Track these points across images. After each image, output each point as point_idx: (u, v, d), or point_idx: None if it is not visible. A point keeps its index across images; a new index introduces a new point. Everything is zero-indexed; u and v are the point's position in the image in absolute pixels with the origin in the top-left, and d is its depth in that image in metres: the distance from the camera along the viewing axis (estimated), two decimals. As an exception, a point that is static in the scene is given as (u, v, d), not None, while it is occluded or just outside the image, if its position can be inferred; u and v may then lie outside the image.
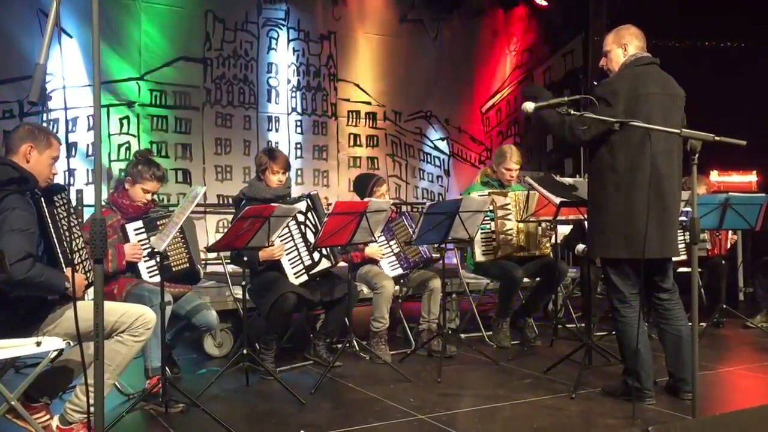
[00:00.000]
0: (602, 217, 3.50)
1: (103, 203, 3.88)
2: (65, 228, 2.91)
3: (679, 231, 5.37)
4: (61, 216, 2.91)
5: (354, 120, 7.91)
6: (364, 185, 4.93)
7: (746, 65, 7.30)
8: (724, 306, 5.64)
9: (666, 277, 3.64)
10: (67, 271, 2.80)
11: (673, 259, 3.67)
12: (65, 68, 5.69)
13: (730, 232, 5.88)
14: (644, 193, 3.33)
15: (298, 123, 7.56)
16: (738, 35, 7.54)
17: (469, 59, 8.65)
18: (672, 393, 3.65)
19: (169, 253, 3.87)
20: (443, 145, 8.49)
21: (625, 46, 3.58)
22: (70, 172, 6.00)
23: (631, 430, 1.96)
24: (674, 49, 7.03)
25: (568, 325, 5.32)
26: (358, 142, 7.94)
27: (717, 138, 2.81)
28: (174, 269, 3.90)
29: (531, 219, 4.82)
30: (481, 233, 4.92)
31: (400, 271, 4.85)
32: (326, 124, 7.74)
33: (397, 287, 4.73)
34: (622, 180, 3.41)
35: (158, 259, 3.44)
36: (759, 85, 7.21)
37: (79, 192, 4.65)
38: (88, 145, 6.31)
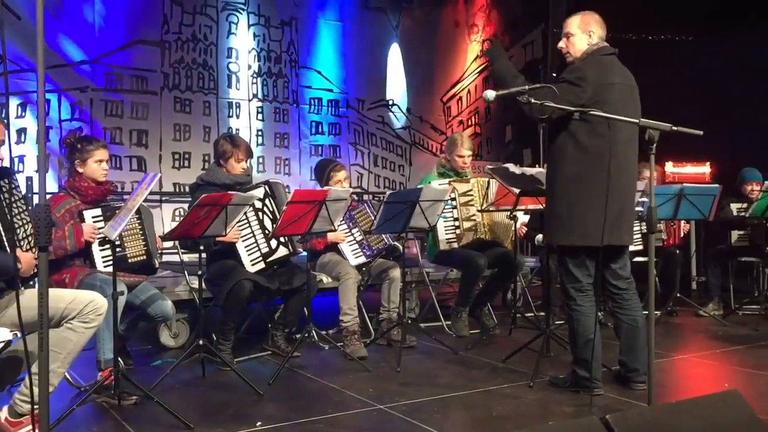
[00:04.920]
0: (562, 204, 3.49)
1: (59, 191, 3.80)
2: (13, 213, 2.81)
3: (635, 221, 5.49)
4: (7, 201, 2.81)
5: (316, 107, 7.83)
6: (321, 171, 4.88)
7: (699, 58, 7.41)
8: (678, 295, 5.75)
9: (625, 265, 3.67)
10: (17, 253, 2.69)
11: (630, 248, 3.71)
12: (6, 50, 5.48)
13: (683, 221, 5.99)
14: (605, 182, 3.34)
15: (259, 110, 7.45)
16: (691, 28, 7.65)
17: (431, 49, 8.62)
18: (622, 383, 3.66)
19: (126, 244, 3.78)
20: (405, 134, 8.46)
21: (590, 33, 3.56)
22: (20, 158, 5.83)
23: (589, 419, 1.96)
24: (630, 41, 7.09)
25: (527, 315, 5.36)
26: (320, 130, 7.86)
27: (675, 128, 2.83)
28: (131, 260, 3.81)
29: (491, 208, 4.84)
30: (444, 222, 4.91)
31: (363, 259, 4.78)
32: (288, 111, 7.65)
33: (359, 276, 4.69)
34: (584, 168, 3.40)
35: (112, 248, 3.34)
36: (711, 78, 7.33)
37: (29, 179, 4.51)
38: (38, 131, 6.11)
